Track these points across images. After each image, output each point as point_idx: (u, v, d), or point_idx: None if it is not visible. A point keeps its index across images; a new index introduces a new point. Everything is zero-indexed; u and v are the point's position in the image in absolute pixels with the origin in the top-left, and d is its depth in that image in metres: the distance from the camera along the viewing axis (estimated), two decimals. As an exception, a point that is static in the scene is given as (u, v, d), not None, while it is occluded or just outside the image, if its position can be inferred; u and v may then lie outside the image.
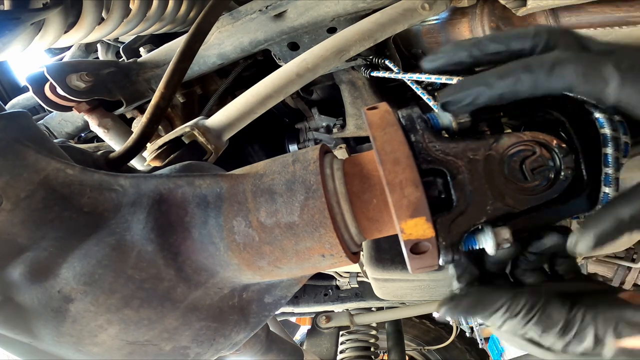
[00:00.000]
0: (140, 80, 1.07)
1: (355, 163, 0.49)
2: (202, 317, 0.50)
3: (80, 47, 1.35)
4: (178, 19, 1.13)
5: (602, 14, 0.79)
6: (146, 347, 0.48)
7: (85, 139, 1.48)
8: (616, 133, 0.47)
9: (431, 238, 0.41)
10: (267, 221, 0.46)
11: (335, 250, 0.46)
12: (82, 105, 0.99)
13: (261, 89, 0.76)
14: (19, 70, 1.77)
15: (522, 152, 0.46)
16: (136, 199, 0.48)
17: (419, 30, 1.04)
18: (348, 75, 1.16)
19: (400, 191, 0.40)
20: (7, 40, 0.74)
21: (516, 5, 0.79)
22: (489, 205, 0.45)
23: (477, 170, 0.45)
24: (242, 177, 0.50)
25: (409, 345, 2.46)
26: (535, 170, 0.46)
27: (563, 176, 0.46)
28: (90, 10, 0.86)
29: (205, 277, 0.49)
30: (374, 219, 0.47)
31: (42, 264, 0.44)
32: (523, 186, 0.46)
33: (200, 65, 1.08)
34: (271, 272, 0.49)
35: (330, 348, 1.80)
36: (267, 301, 0.57)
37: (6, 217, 0.43)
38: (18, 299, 0.44)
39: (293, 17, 0.96)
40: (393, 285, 0.99)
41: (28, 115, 0.50)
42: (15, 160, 0.45)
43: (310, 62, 0.77)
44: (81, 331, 0.45)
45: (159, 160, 0.72)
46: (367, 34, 0.79)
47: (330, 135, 1.30)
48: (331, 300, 1.82)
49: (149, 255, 0.46)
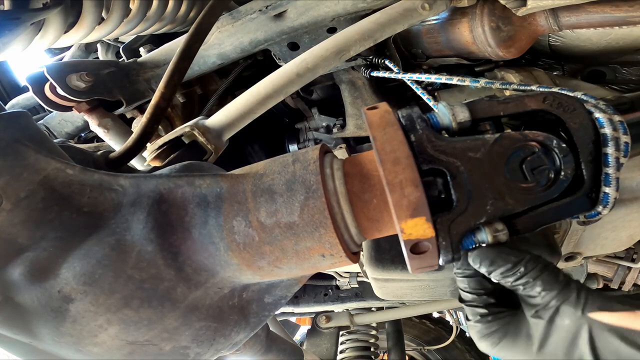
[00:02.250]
0: (140, 80, 1.07)
1: (355, 163, 0.49)
2: (202, 317, 0.50)
3: (80, 47, 1.35)
4: (178, 19, 1.13)
5: (602, 14, 0.79)
6: (146, 347, 0.48)
7: (85, 139, 1.48)
8: (616, 133, 0.47)
9: (431, 238, 0.41)
10: (267, 221, 0.46)
11: (335, 250, 0.46)
12: (82, 105, 0.99)
13: (261, 89, 0.76)
14: (19, 70, 1.77)
15: (522, 152, 0.46)
16: (136, 198, 0.48)
17: (419, 30, 1.04)
18: (348, 75, 1.16)
19: (400, 191, 0.40)
20: (7, 40, 0.74)
21: (516, 5, 0.79)
22: (489, 205, 0.45)
23: (477, 170, 0.45)
24: (242, 177, 0.50)
25: (409, 345, 2.46)
26: (535, 170, 0.46)
27: (563, 176, 0.46)
28: (90, 10, 0.86)
29: (205, 277, 0.49)
30: (374, 218, 0.47)
31: (42, 264, 0.44)
32: (523, 186, 0.46)
33: (200, 65, 1.08)
34: (271, 272, 0.49)
35: (330, 348, 1.80)
36: (267, 301, 0.57)
37: (6, 217, 0.43)
38: (18, 298, 0.44)
39: (293, 17, 0.96)
40: (393, 285, 0.99)
41: (28, 115, 0.50)
42: (15, 160, 0.45)
43: (310, 62, 0.77)
44: (81, 331, 0.45)
45: (159, 160, 0.72)
46: (367, 34, 0.79)
47: (330, 135, 1.30)
48: (331, 300, 1.82)
49: (149, 255, 0.46)
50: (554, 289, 0.44)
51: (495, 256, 0.46)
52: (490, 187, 0.45)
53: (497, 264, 0.46)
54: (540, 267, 0.45)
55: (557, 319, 0.44)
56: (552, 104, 0.48)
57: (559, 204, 0.47)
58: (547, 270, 0.45)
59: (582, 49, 0.93)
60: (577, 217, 0.53)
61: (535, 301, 0.46)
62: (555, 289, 0.44)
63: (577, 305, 0.43)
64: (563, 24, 0.85)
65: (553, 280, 0.45)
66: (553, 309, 0.44)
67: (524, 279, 0.45)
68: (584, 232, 0.85)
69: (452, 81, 0.81)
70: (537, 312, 0.45)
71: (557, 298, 0.44)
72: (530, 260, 0.46)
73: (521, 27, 0.89)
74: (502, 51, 0.91)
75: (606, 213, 0.49)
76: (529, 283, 0.45)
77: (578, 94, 0.53)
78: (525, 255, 0.46)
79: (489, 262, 0.46)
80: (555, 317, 0.44)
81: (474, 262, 0.47)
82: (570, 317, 0.43)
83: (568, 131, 0.48)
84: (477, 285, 0.50)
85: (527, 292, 0.46)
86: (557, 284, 0.44)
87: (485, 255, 0.46)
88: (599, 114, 0.48)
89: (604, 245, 0.90)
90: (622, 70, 1.00)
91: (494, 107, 0.49)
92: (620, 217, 0.80)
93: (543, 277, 0.45)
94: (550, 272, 0.45)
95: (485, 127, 0.49)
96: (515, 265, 0.45)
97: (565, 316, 0.43)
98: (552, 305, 0.44)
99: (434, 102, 0.84)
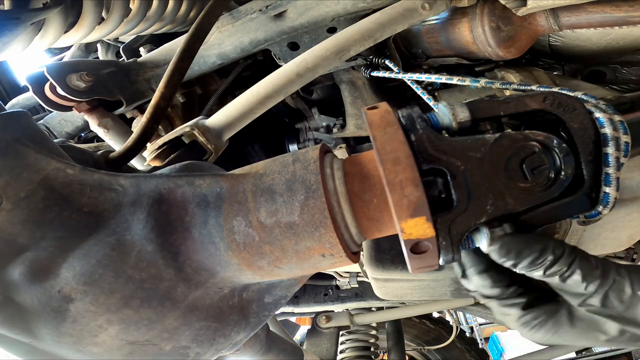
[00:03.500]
0: (140, 80, 1.07)
1: (355, 163, 0.49)
2: (202, 317, 0.50)
3: (80, 47, 1.35)
4: (178, 19, 1.13)
5: (602, 14, 0.79)
6: (146, 347, 0.48)
7: (85, 139, 1.48)
8: (616, 133, 0.47)
9: (431, 238, 0.41)
10: (267, 221, 0.46)
11: (335, 250, 0.46)
12: (82, 105, 0.99)
13: (261, 89, 0.76)
14: (19, 70, 1.77)
15: (522, 152, 0.46)
16: (136, 198, 0.48)
17: (419, 30, 1.04)
18: (348, 75, 1.16)
19: (401, 191, 0.40)
20: (7, 40, 0.74)
21: (516, 5, 0.79)
22: (489, 204, 0.44)
23: (478, 169, 0.45)
24: (242, 177, 0.50)
25: (409, 345, 2.46)
26: (535, 170, 0.46)
27: (563, 176, 0.46)
28: (90, 10, 0.86)
29: (205, 277, 0.49)
30: (374, 218, 0.47)
31: (42, 264, 0.44)
32: (523, 185, 0.45)
33: (200, 65, 1.08)
34: (271, 271, 0.49)
35: (330, 348, 1.80)
36: (267, 301, 0.57)
37: (6, 216, 0.43)
38: (18, 298, 0.44)
39: (293, 17, 0.96)
40: (393, 285, 0.99)
41: (28, 115, 0.50)
42: (15, 160, 0.45)
43: (310, 61, 0.77)
44: (81, 331, 0.45)
45: (159, 160, 0.72)
46: (367, 33, 0.79)
47: (330, 135, 1.30)
48: (331, 300, 1.82)
49: (149, 255, 0.46)
50: (594, 277, 0.42)
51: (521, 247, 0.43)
52: (490, 186, 0.45)
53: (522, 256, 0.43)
54: (568, 251, 0.43)
55: (608, 306, 0.42)
56: (552, 104, 0.48)
57: (559, 204, 0.47)
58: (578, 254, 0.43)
59: (582, 49, 0.93)
60: (577, 217, 0.53)
61: (578, 290, 0.43)
62: (596, 276, 0.42)
63: (627, 285, 0.41)
64: (563, 24, 0.85)
65: (590, 267, 0.42)
66: (601, 294, 0.42)
67: (557, 267, 0.42)
68: (584, 232, 0.85)
69: (452, 81, 0.81)
70: (585, 301, 0.43)
71: (602, 285, 0.42)
72: (556, 246, 0.43)
73: (521, 27, 0.89)
74: (502, 51, 0.91)
75: (606, 213, 0.49)
76: (564, 271, 0.42)
77: (578, 94, 0.53)
78: (548, 242, 0.43)
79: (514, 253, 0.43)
80: (606, 305, 0.42)
81: (498, 255, 0.44)
82: (625, 301, 0.41)
83: (568, 131, 0.48)
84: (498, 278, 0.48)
85: (567, 284, 0.43)
86: (595, 271, 0.42)
87: (509, 247, 0.43)
88: (599, 113, 0.48)
89: (604, 245, 0.90)
90: (622, 70, 1.00)
91: (494, 107, 0.49)
92: (620, 217, 0.80)
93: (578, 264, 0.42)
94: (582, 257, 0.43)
95: (486, 127, 0.49)
96: (541, 254, 0.43)
97: (617, 300, 0.41)
98: (600, 292, 0.42)
99: (434, 102, 0.84)
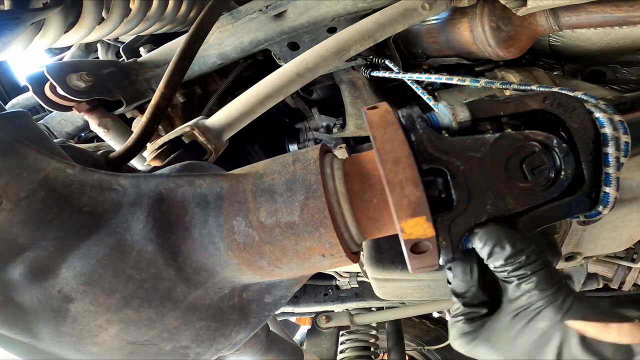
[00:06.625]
0: (140, 80, 1.07)
1: (355, 163, 0.49)
2: (202, 316, 0.50)
3: (80, 47, 1.35)
4: (178, 19, 1.13)
5: (602, 14, 0.79)
6: (146, 347, 0.48)
7: (85, 139, 1.48)
8: (616, 133, 0.47)
9: (431, 238, 0.41)
10: (267, 221, 0.46)
11: (335, 250, 0.46)
12: (82, 105, 0.99)
13: (261, 89, 0.76)
14: (19, 70, 1.77)
15: (522, 152, 0.46)
16: (136, 198, 0.48)
17: (419, 30, 1.04)
18: (348, 75, 1.16)
19: (401, 190, 0.40)
20: (7, 40, 0.74)
21: (516, 5, 0.79)
22: (489, 204, 0.45)
23: (478, 169, 0.45)
24: (242, 177, 0.50)
25: (409, 345, 2.46)
26: (535, 170, 0.46)
27: (563, 175, 0.46)
28: (90, 10, 0.86)
29: (205, 276, 0.49)
30: (374, 218, 0.47)
31: (42, 264, 0.44)
32: (523, 185, 0.46)
33: (200, 65, 1.08)
34: (271, 271, 0.49)
35: (330, 348, 1.80)
36: (267, 301, 0.57)
37: (6, 216, 0.43)
38: (18, 298, 0.44)
39: (293, 17, 0.96)
40: (393, 285, 0.99)
41: (28, 115, 0.50)
42: (16, 160, 0.45)
43: (310, 61, 0.77)
44: (81, 331, 0.45)
45: (159, 160, 0.72)
46: (367, 33, 0.79)
47: (330, 135, 1.30)
48: (331, 300, 1.82)
49: (149, 255, 0.46)
50: (546, 289, 0.43)
51: (502, 236, 0.44)
52: (490, 186, 0.45)
53: (501, 245, 0.44)
54: (541, 262, 0.44)
55: (535, 321, 0.43)
56: (552, 104, 0.48)
57: (559, 204, 0.47)
58: (546, 267, 0.44)
59: (582, 49, 0.93)
60: (577, 217, 0.53)
61: (520, 302, 0.44)
62: (547, 290, 0.43)
63: (560, 310, 0.42)
64: (563, 24, 0.85)
65: (548, 280, 0.43)
66: (536, 311, 0.43)
67: (522, 271, 0.44)
68: (584, 232, 0.85)
69: (452, 81, 0.81)
70: (517, 315, 0.44)
71: (545, 299, 0.43)
72: (533, 252, 0.44)
73: (521, 27, 0.89)
74: (502, 51, 0.91)
75: (606, 213, 0.49)
76: (525, 276, 0.44)
77: (578, 94, 0.53)
78: (530, 246, 0.44)
79: (494, 240, 0.44)
80: (534, 319, 0.43)
81: (480, 240, 0.45)
82: (549, 321, 0.42)
83: (568, 131, 0.48)
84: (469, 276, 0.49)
85: (519, 287, 0.44)
86: (550, 286, 0.43)
87: (492, 234, 0.44)
88: (599, 113, 0.48)
89: (604, 245, 0.90)
90: (622, 70, 1.00)
91: (494, 107, 0.49)
92: (620, 217, 0.80)
93: (540, 274, 0.44)
94: (548, 271, 0.44)
95: (486, 126, 0.49)
96: (519, 252, 0.44)
97: (545, 319, 0.42)
98: (538, 306, 0.43)
99: (434, 102, 0.84)
